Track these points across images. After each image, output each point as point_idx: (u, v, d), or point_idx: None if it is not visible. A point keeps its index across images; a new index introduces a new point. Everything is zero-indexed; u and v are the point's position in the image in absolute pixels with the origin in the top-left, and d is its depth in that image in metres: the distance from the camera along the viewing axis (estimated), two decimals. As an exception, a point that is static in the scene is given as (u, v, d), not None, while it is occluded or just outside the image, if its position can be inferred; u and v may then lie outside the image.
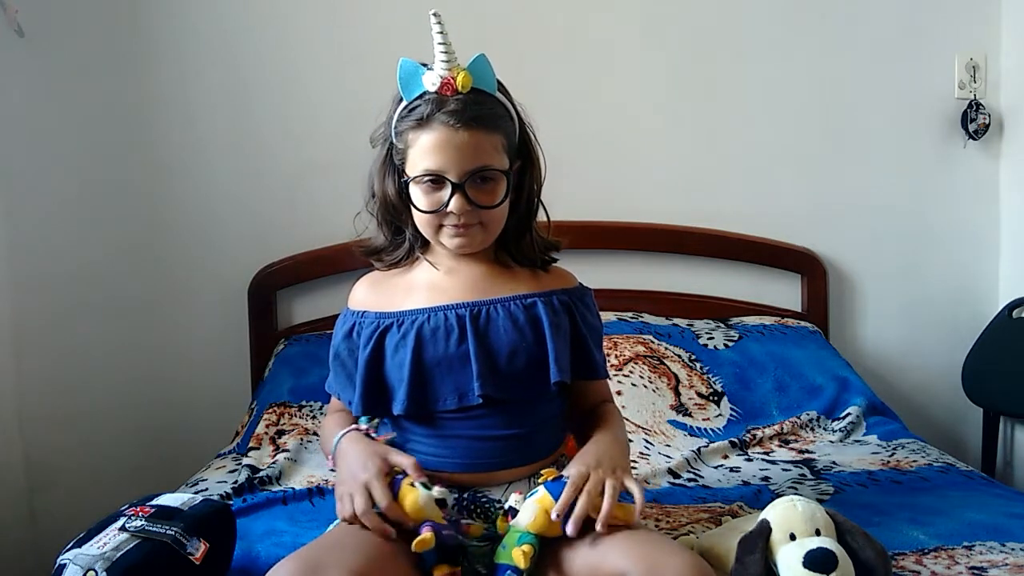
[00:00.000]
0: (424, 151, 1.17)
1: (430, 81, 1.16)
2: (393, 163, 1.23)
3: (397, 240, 1.28)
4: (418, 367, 1.19)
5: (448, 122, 1.15)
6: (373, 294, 1.29)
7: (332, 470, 1.25)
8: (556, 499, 1.11)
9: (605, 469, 1.14)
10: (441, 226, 1.20)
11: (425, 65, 1.18)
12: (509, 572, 1.09)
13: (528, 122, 1.26)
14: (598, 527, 1.08)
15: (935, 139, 2.31)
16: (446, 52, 1.15)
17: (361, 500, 1.12)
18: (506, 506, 1.17)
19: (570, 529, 1.09)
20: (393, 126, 1.21)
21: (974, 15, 2.29)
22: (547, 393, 1.22)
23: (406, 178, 1.20)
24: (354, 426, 1.25)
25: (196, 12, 2.14)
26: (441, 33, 1.15)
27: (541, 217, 1.30)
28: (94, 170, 2.13)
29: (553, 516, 1.10)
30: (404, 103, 1.19)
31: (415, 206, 1.20)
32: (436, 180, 1.17)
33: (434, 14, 1.15)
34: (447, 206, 1.17)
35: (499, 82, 1.22)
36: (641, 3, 2.25)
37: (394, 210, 1.25)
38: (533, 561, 1.10)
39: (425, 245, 1.27)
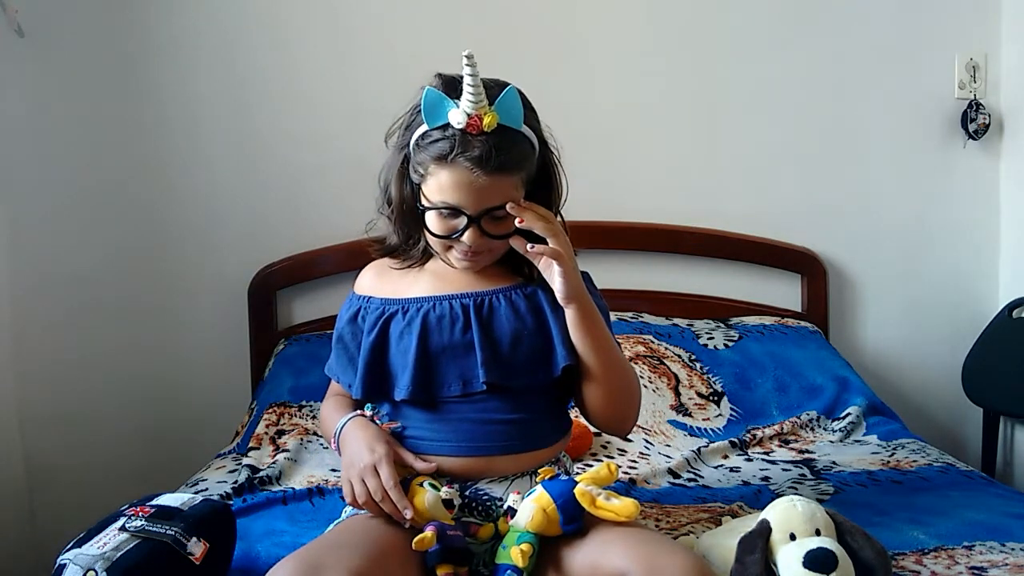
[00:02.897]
0: (443, 187, 1.16)
1: (456, 119, 1.14)
2: (409, 174, 1.23)
3: (411, 242, 1.29)
4: (423, 353, 1.21)
5: (470, 168, 1.14)
6: (379, 281, 1.31)
7: (329, 447, 1.24)
8: (554, 498, 1.12)
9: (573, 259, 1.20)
10: (450, 247, 1.22)
11: (450, 95, 1.15)
12: (509, 572, 1.10)
13: (553, 144, 1.25)
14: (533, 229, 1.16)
15: (935, 139, 2.31)
16: (475, 94, 1.12)
17: (373, 481, 1.14)
18: (505, 506, 1.17)
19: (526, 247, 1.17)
20: (412, 146, 1.20)
21: (974, 15, 2.29)
22: (550, 380, 1.23)
23: (421, 206, 1.20)
24: (359, 411, 1.26)
25: (196, 12, 2.14)
26: (472, 75, 1.12)
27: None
28: (94, 170, 2.13)
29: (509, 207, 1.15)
30: (425, 128, 1.17)
31: (428, 229, 1.21)
32: (451, 211, 1.18)
33: (467, 56, 1.11)
34: (461, 235, 1.18)
35: (528, 105, 1.20)
36: (641, 3, 2.26)
37: (410, 217, 1.26)
38: (532, 560, 1.10)
39: None
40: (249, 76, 2.16)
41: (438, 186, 1.17)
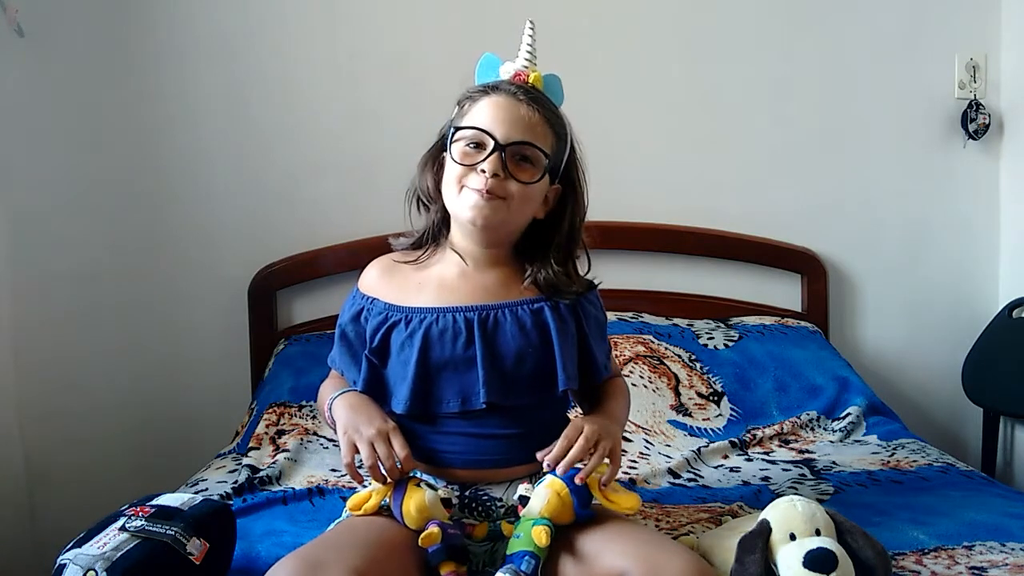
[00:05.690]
0: (481, 110, 1.21)
1: (506, 70, 1.24)
2: (439, 155, 1.25)
3: (429, 224, 1.29)
4: (423, 368, 1.19)
5: (512, 91, 1.21)
6: (385, 282, 1.28)
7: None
8: (565, 482, 1.13)
9: (599, 428, 1.17)
10: (464, 186, 1.19)
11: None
12: (527, 558, 1.08)
13: (580, 153, 1.28)
14: (578, 479, 1.12)
15: (935, 139, 2.31)
16: (530, 55, 1.26)
17: (384, 448, 1.14)
18: (515, 496, 1.17)
19: (560, 469, 1.14)
20: (457, 102, 1.25)
21: (974, 15, 2.29)
22: (551, 398, 1.23)
23: (451, 127, 1.22)
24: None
25: (196, 12, 2.14)
26: (531, 38, 1.27)
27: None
28: (94, 170, 2.13)
29: (545, 466, 1.14)
30: (474, 84, 1.25)
31: (451, 156, 1.20)
32: (479, 144, 1.19)
33: (530, 22, 1.27)
34: (484, 160, 1.17)
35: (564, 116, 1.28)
36: (641, 4, 2.26)
37: (427, 193, 1.27)
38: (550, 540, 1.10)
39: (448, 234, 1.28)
40: (249, 76, 2.16)
41: (477, 111, 1.21)
